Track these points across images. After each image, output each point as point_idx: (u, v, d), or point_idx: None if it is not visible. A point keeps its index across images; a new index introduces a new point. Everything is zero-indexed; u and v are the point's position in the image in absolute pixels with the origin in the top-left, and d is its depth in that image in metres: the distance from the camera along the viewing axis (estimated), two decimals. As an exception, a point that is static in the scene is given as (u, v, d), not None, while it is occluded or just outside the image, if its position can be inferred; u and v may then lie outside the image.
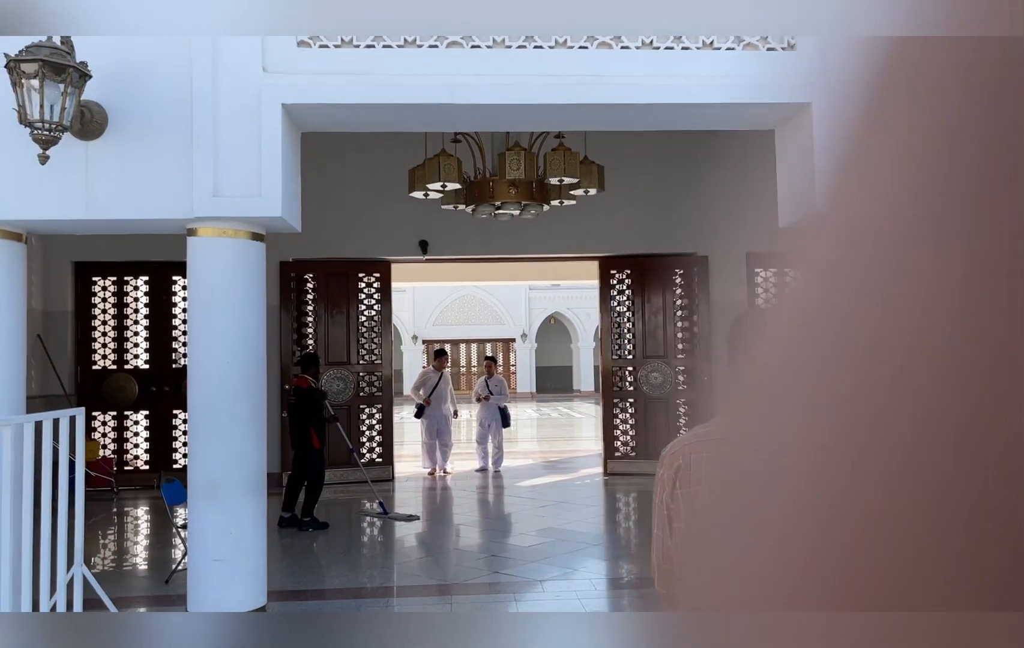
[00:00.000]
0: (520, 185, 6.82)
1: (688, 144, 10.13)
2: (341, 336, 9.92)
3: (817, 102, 4.16)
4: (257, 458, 4.12)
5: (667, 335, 10.13)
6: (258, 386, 4.18)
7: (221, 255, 4.10)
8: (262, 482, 4.17)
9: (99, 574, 6.78)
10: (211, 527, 3.98)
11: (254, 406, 4.13)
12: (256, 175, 3.98)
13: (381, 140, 9.68)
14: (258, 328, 4.22)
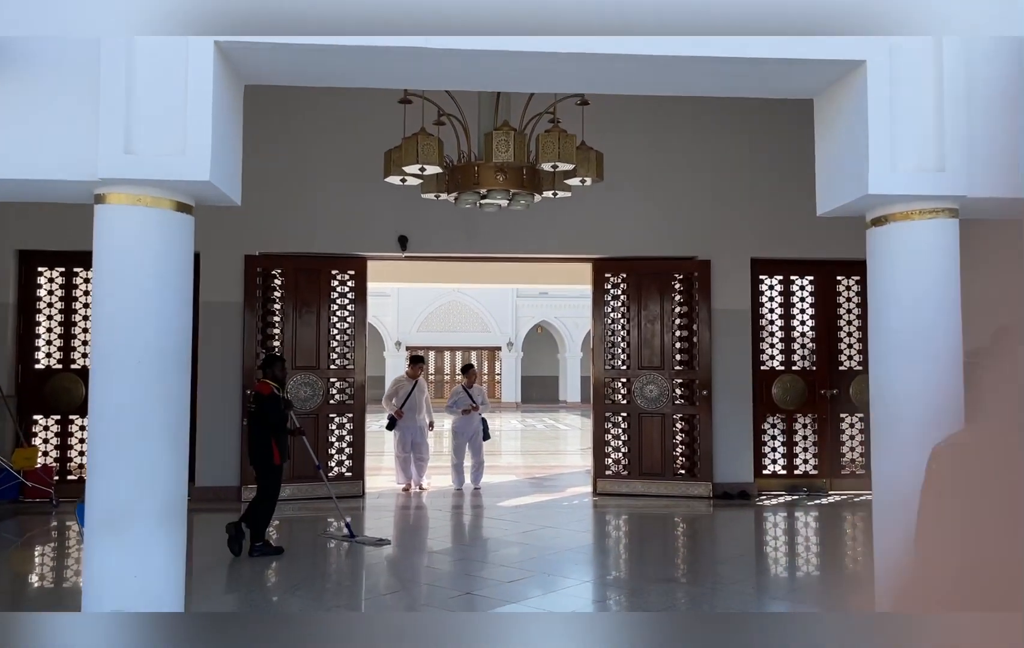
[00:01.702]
0: (509, 171, 6.05)
1: (691, 141, 9.41)
2: (311, 338, 9.09)
3: (874, 60, 3.41)
4: (174, 481, 3.30)
5: (664, 345, 9.37)
6: (178, 392, 3.36)
7: (135, 228, 3.28)
8: (180, 511, 3.35)
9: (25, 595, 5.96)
10: (111, 569, 3.16)
11: (173, 416, 3.31)
12: (180, 130, 3.18)
13: (357, 125, 8.90)
14: (181, 321, 3.41)
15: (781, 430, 9.64)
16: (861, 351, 9.70)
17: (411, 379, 9.99)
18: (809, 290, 9.71)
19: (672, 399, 9.34)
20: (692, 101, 9.36)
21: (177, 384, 3.35)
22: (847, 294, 9.74)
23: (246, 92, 3.98)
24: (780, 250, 9.46)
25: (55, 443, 9.03)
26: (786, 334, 9.66)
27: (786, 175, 9.40)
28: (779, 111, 9.46)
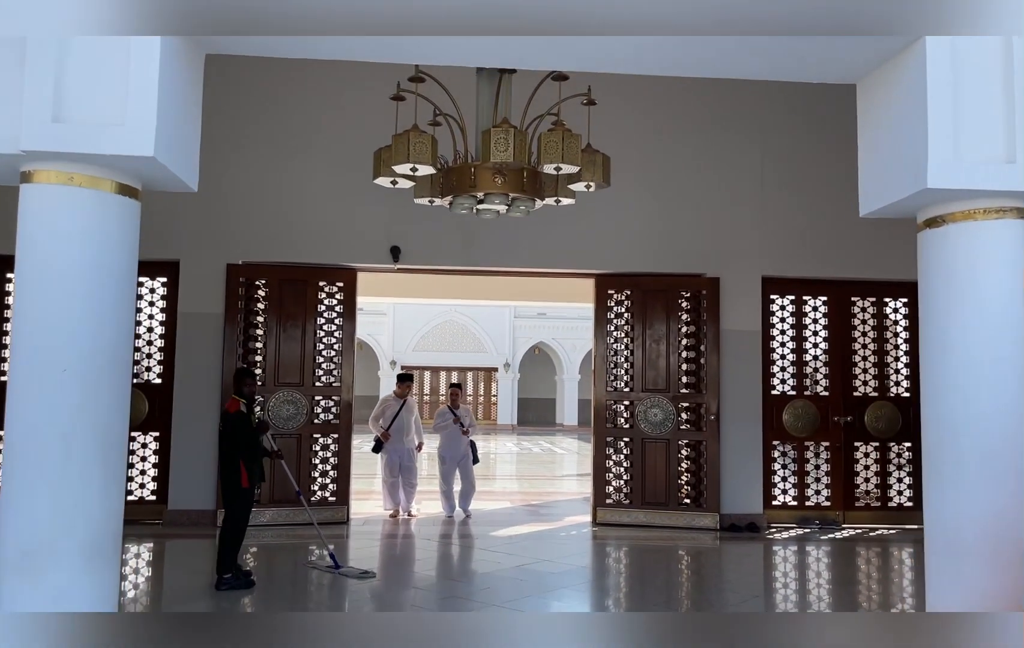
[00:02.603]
0: (508, 173, 5.56)
1: (700, 154, 8.96)
2: (295, 353, 8.56)
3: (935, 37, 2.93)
4: (106, 512, 2.78)
5: (670, 366, 8.86)
6: (114, 407, 2.84)
7: (67, 212, 2.78)
8: (111, 548, 2.82)
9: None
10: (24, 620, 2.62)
11: (106, 435, 2.79)
12: (120, 95, 2.69)
13: (348, 128, 8.42)
14: (121, 325, 2.90)
15: (792, 459, 9.11)
16: (877, 377, 9.21)
17: (399, 399, 9.44)
18: (822, 311, 9.22)
19: (677, 424, 8.81)
20: (702, 111, 8.94)
21: (113, 398, 2.83)
22: (862, 316, 9.25)
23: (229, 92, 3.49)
24: (792, 268, 8.98)
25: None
26: (798, 357, 9.16)
27: (799, 190, 8.96)
28: (792, 122, 9.03)
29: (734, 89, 8.97)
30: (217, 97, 8.56)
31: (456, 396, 9.75)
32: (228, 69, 8.56)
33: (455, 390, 9.87)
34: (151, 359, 8.54)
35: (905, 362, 9.22)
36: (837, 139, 9.00)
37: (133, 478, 8.42)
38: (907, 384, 9.19)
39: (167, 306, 8.54)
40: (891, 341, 9.25)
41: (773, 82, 9.04)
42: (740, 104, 8.96)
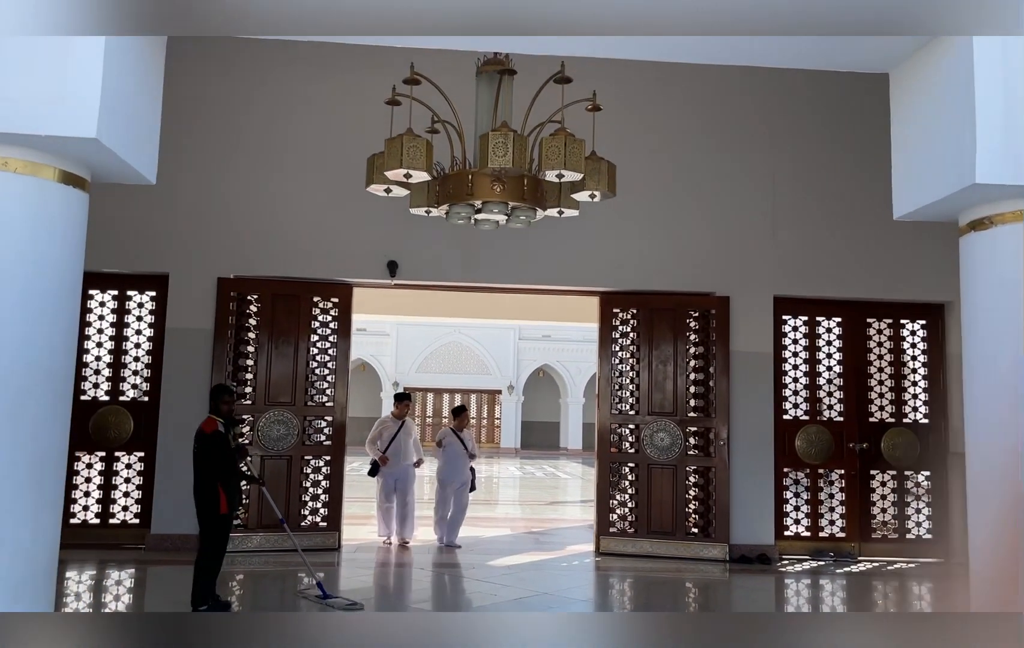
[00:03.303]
0: (507, 181, 5.24)
1: (709, 166, 8.65)
2: (287, 371, 8.23)
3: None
4: (36, 543, 2.42)
5: (677, 389, 8.49)
6: (51, 425, 2.50)
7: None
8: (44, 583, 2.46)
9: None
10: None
11: (41, 457, 2.45)
12: (61, 72, 2.37)
13: (343, 138, 8.14)
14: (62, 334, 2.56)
15: (805, 487, 8.71)
16: (893, 402, 8.81)
17: (397, 419, 9.06)
18: (837, 333, 8.85)
19: (685, 449, 8.42)
20: (711, 124, 8.63)
21: (49, 413, 2.49)
22: (878, 338, 8.88)
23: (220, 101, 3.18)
24: (805, 288, 8.63)
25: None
26: (811, 381, 8.77)
27: (812, 207, 8.63)
28: (804, 137, 8.72)
29: (745, 103, 8.68)
30: (208, 107, 8.33)
31: (463, 419, 9.33)
32: (220, 77, 8.32)
33: (461, 413, 9.43)
34: (138, 376, 8.22)
35: (923, 387, 8.82)
36: (851, 155, 8.70)
37: (116, 500, 8.06)
38: (925, 410, 8.79)
39: (155, 321, 8.23)
40: (908, 365, 8.86)
41: (785, 95, 8.76)
42: (751, 119, 8.66)
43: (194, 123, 8.24)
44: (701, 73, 8.62)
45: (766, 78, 8.68)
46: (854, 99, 8.74)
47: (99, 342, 8.20)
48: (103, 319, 8.22)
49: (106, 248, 8.05)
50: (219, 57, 8.30)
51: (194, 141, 8.23)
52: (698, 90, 8.65)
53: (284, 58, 8.34)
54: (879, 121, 8.73)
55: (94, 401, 8.11)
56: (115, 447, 8.07)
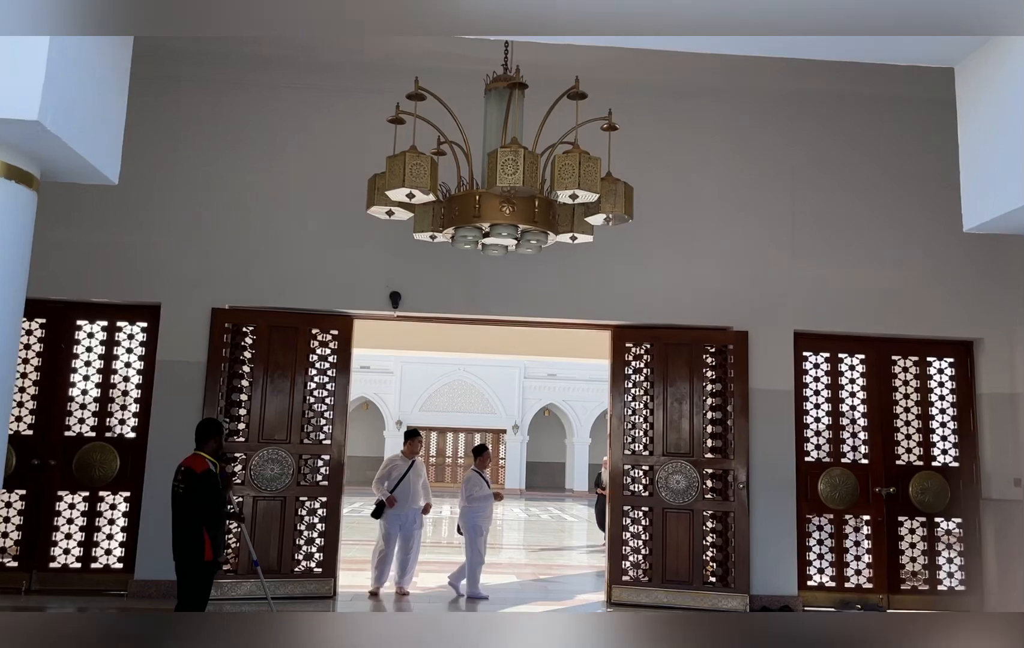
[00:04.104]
0: (517, 202, 4.89)
1: (726, 195, 8.31)
2: (282, 407, 7.82)
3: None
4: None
5: (694, 428, 8.05)
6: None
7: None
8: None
9: None
10: None
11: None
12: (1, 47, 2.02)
13: (344, 163, 7.82)
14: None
15: (829, 533, 8.21)
16: (921, 444, 8.35)
17: (407, 458, 8.60)
18: (860, 370, 8.42)
19: (702, 492, 7.96)
20: (728, 152, 8.32)
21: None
22: (904, 377, 8.44)
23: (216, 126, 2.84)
24: (826, 323, 8.22)
25: (-23, 521, 7.69)
26: (834, 421, 8.32)
27: (833, 238, 8.26)
28: (826, 165, 8.39)
29: (764, 132, 8.37)
30: (204, 133, 8.03)
31: (486, 460, 8.86)
32: (216, 104, 8.05)
33: (483, 453, 8.95)
34: (126, 411, 7.81)
35: (952, 428, 8.37)
36: (873, 186, 8.36)
37: (99, 543, 7.61)
38: (955, 453, 8.32)
39: (146, 354, 7.85)
40: (936, 405, 8.41)
41: (805, 125, 8.43)
42: (770, 149, 8.34)
43: (190, 149, 7.96)
44: (718, 102, 8.33)
45: (785, 107, 8.39)
46: (876, 129, 8.43)
47: (86, 375, 7.82)
48: (91, 351, 7.85)
49: (96, 277, 7.74)
50: (216, 84, 8.04)
51: (190, 167, 7.93)
52: (715, 120, 8.35)
53: (282, 83, 8.08)
54: (902, 151, 8.46)
55: (79, 437, 7.71)
56: (99, 486, 7.64)
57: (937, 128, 8.41)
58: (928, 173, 8.32)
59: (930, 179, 8.31)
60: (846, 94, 8.33)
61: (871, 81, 8.10)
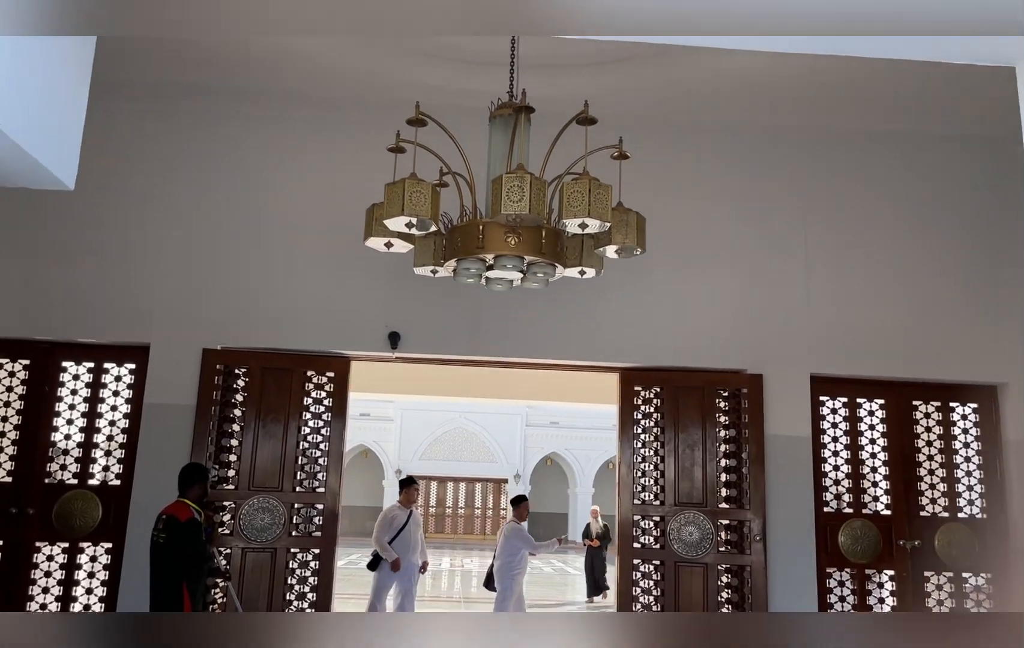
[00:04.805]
0: (523, 232, 4.60)
1: (738, 232, 8.04)
2: (274, 453, 7.45)
3: None
4: None
5: (707, 476, 7.66)
6: None
7: None
8: None
9: None
10: None
11: None
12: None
13: (341, 196, 7.56)
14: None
15: (851, 589, 7.75)
16: (946, 494, 7.94)
17: (405, 508, 8.19)
18: (880, 416, 8.05)
19: (716, 545, 7.54)
20: (739, 188, 8.07)
21: None
22: (926, 423, 8.06)
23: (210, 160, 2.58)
24: (844, 366, 7.88)
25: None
26: (854, 469, 7.93)
27: (849, 278, 7.97)
28: (840, 201, 8.14)
29: (775, 168, 8.13)
30: (196, 168, 7.76)
31: (524, 511, 8.45)
32: (207, 138, 7.83)
33: (523, 503, 8.52)
34: (110, 457, 7.44)
35: (979, 477, 7.96)
36: (889, 223, 8.10)
37: (77, 598, 7.17)
38: (982, 504, 7.91)
39: (133, 396, 7.51)
40: (961, 453, 8.02)
41: (818, 159, 8.18)
42: (782, 185, 8.10)
43: (182, 185, 7.72)
44: (728, 138, 8.11)
45: (797, 143, 8.16)
46: (892, 166, 8.19)
47: (70, 419, 7.46)
48: (76, 394, 7.51)
49: (83, 317, 7.44)
50: (210, 117, 7.84)
51: (182, 203, 7.69)
52: (725, 156, 8.13)
53: (278, 116, 7.87)
54: (920, 189, 8.19)
55: (60, 485, 7.32)
56: (80, 537, 7.23)
57: (956, 167, 8.19)
58: (948, 211, 8.07)
59: (950, 217, 8.05)
60: (860, 131, 8.11)
61: (887, 117, 7.88)
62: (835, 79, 7.21)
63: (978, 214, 8.08)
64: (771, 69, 7.06)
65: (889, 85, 7.30)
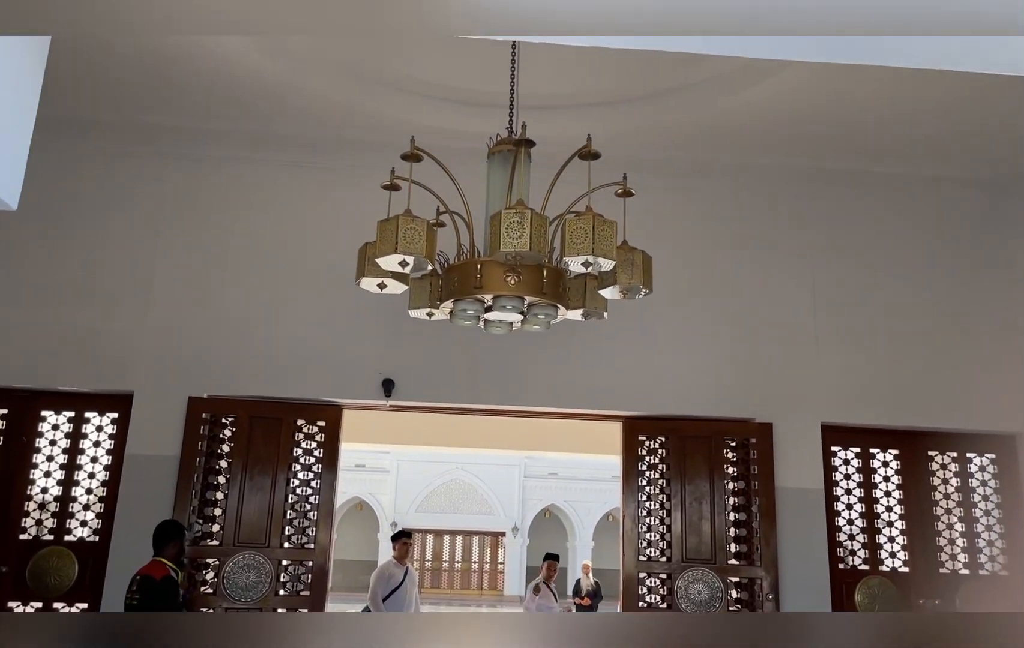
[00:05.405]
0: (523, 270, 4.34)
1: (746, 276, 7.81)
2: (261, 506, 7.10)
3: None
4: None
5: (716, 531, 7.31)
6: None
7: None
8: None
9: None
10: None
11: None
12: None
13: (333, 239, 7.33)
14: None
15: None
16: (966, 549, 7.58)
17: (400, 563, 7.81)
18: (894, 467, 7.73)
19: (727, 604, 7.15)
20: (745, 232, 7.86)
21: None
22: (943, 475, 7.74)
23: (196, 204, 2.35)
24: (855, 415, 7.58)
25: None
26: (869, 523, 7.58)
27: (859, 324, 7.71)
28: (848, 246, 7.93)
29: (780, 212, 7.94)
30: (182, 213, 7.53)
31: (553, 568, 8.08)
32: (194, 183, 7.63)
33: (554, 560, 8.15)
34: (88, 511, 7.08)
35: (999, 531, 7.61)
36: (899, 268, 7.88)
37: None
38: (1003, 560, 7.54)
39: (115, 447, 7.18)
40: (979, 506, 7.68)
41: (824, 203, 7.99)
42: (788, 229, 7.90)
43: (169, 229, 7.50)
44: (732, 182, 7.93)
45: (802, 186, 7.98)
46: (900, 209, 8.00)
47: (47, 472, 7.12)
48: (55, 445, 7.18)
49: (64, 364, 7.14)
50: (197, 161, 7.65)
51: (166, 247, 7.45)
52: (729, 200, 7.94)
53: (268, 160, 7.69)
54: (930, 231, 7.96)
55: (35, 541, 6.95)
56: (54, 597, 6.83)
57: (968, 209, 8.00)
58: (959, 254, 7.86)
59: (962, 260, 7.84)
60: (867, 173, 7.94)
61: (894, 160, 7.72)
62: (841, 121, 7.06)
63: (992, 256, 7.86)
64: (774, 111, 6.90)
65: (897, 128, 7.15)
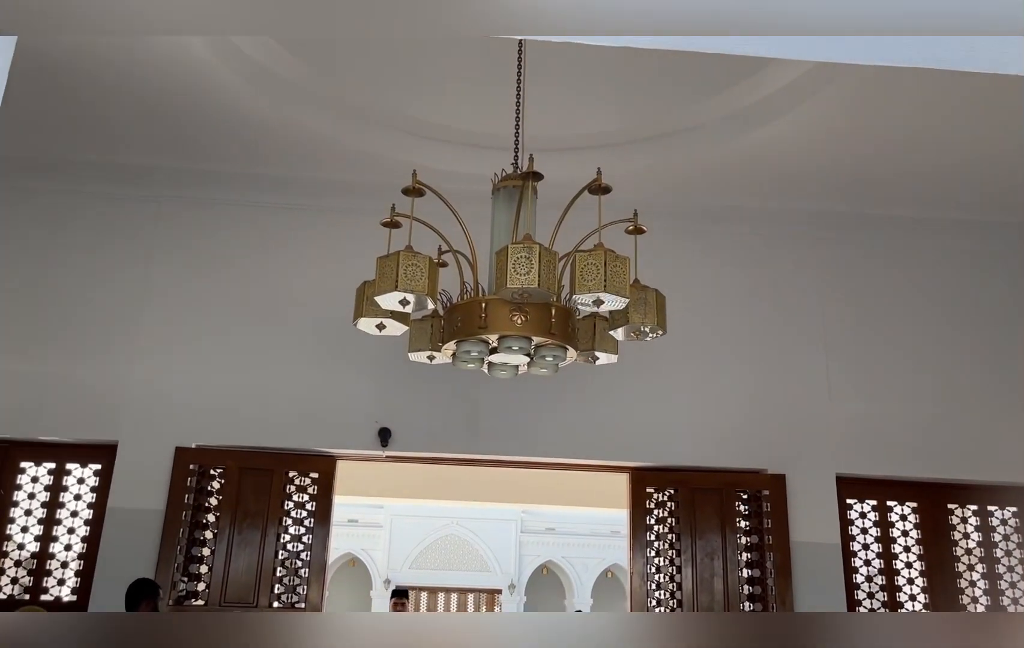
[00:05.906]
0: (530, 310, 4.10)
1: (755, 322, 7.58)
2: (250, 563, 6.73)
3: None
4: None
5: (728, 588, 6.94)
6: None
7: None
8: None
9: None
10: None
11: None
12: None
13: (328, 284, 7.08)
14: None
15: (893, 718, 6.92)
16: (990, 605, 7.22)
17: None
18: (913, 521, 7.41)
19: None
20: (755, 278, 7.66)
21: None
22: (963, 529, 7.41)
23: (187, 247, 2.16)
24: (871, 466, 7.29)
25: None
26: (889, 581, 7.23)
27: (873, 371, 7.47)
28: (861, 291, 7.72)
29: (790, 257, 7.75)
30: (171, 258, 7.30)
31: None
32: (184, 228, 7.43)
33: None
34: (66, 569, 6.70)
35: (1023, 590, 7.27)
36: (913, 313, 7.67)
37: (17, 733, 6.29)
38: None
39: (97, 500, 6.83)
40: (1003, 561, 7.34)
41: (836, 247, 7.80)
42: (798, 275, 7.70)
43: (156, 274, 7.27)
44: (741, 227, 7.75)
45: (813, 231, 7.79)
46: (915, 253, 7.80)
47: (25, 527, 6.76)
48: (34, 498, 6.83)
49: (45, 413, 6.84)
50: (188, 203, 7.45)
51: (152, 293, 7.21)
52: (739, 246, 7.75)
53: (261, 203, 7.49)
54: (947, 276, 7.73)
55: (10, 600, 6.56)
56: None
57: (986, 252, 7.80)
58: (977, 299, 7.66)
59: (980, 305, 7.63)
60: (880, 216, 7.76)
61: (908, 202, 7.56)
62: (855, 163, 6.91)
63: (1012, 301, 7.65)
64: (784, 152, 6.76)
65: (914, 169, 7.00)
